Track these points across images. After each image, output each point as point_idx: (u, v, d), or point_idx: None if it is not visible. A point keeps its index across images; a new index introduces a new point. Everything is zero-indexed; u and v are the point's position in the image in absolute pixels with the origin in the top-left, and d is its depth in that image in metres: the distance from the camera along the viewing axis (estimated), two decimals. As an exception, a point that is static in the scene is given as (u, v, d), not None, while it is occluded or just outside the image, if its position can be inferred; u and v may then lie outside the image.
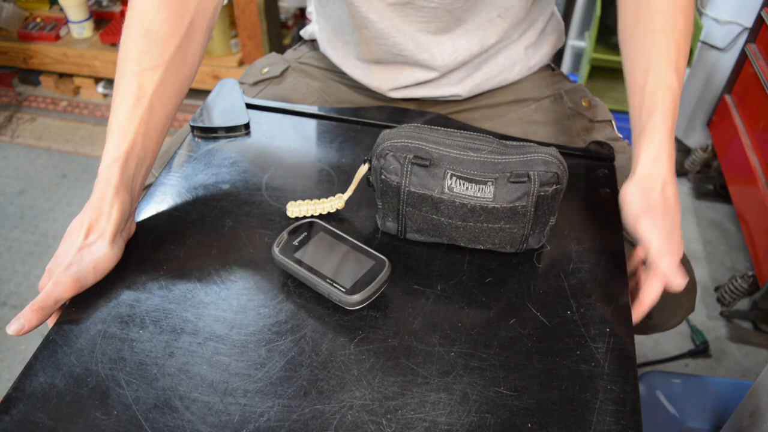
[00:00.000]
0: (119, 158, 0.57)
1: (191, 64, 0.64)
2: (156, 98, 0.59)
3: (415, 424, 0.46)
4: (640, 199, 0.58)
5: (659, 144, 0.59)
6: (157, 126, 0.60)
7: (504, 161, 0.55)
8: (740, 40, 1.58)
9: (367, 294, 0.52)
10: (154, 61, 0.59)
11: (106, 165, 0.57)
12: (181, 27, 0.61)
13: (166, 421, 0.46)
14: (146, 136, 0.59)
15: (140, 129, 0.58)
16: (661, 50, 0.62)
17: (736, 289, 1.39)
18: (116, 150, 0.57)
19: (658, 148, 0.59)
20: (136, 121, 0.58)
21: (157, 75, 0.59)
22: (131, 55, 0.59)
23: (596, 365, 0.51)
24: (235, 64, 1.98)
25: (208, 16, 0.64)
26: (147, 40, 0.59)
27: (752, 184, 1.40)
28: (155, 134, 0.60)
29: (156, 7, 0.60)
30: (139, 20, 0.60)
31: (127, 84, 0.58)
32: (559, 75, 0.88)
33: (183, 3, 0.61)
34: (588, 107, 0.83)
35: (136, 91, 0.58)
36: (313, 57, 0.90)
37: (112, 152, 0.57)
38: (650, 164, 0.59)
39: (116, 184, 0.56)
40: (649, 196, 0.57)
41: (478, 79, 0.81)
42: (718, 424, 0.89)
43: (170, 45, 0.60)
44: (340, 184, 0.67)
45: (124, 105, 0.58)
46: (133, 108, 0.58)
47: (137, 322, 0.52)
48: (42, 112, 2.09)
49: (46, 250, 1.59)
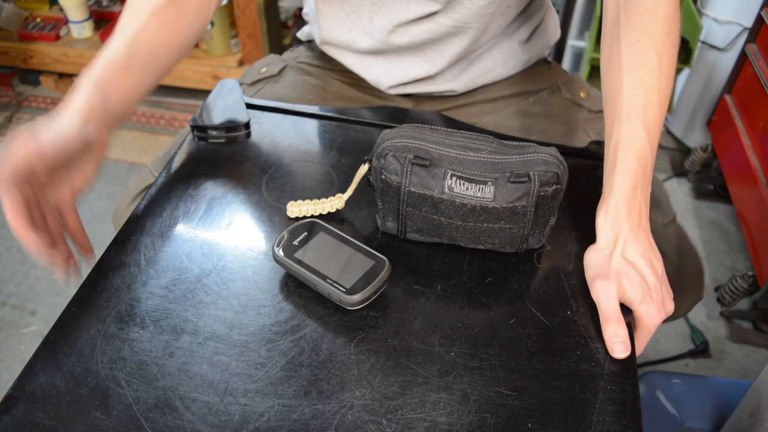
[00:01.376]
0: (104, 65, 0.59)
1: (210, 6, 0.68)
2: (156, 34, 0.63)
3: (415, 424, 0.46)
4: (595, 264, 0.56)
5: (615, 206, 0.56)
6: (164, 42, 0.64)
7: (504, 161, 0.55)
8: (740, 40, 1.58)
9: (367, 294, 0.52)
10: None
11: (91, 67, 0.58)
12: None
13: (166, 421, 0.46)
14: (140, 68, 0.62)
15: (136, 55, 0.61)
16: (628, 98, 0.58)
17: (736, 289, 1.39)
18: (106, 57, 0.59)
19: (615, 210, 0.56)
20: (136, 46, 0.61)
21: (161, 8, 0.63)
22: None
23: (596, 365, 0.51)
24: (235, 64, 1.98)
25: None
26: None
27: (752, 184, 1.40)
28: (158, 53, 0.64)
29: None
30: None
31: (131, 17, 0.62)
32: (555, 68, 0.88)
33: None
34: (587, 98, 0.82)
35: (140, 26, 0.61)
36: (311, 56, 0.90)
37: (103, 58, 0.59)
38: (609, 235, 0.56)
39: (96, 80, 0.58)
40: (602, 263, 0.55)
41: (472, 74, 0.81)
42: (718, 424, 0.89)
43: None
44: (340, 184, 0.67)
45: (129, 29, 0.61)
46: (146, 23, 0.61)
47: (137, 322, 0.52)
48: (42, 112, 2.09)
49: (46, 250, 1.59)
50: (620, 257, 0.55)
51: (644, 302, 0.53)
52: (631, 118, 0.58)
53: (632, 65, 0.59)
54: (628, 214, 0.56)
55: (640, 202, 0.57)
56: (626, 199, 0.56)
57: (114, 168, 1.86)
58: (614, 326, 0.52)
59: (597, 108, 0.81)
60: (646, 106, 0.58)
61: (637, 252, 0.55)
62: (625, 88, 0.58)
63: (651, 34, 0.59)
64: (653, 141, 0.58)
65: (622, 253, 0.55)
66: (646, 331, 0.54)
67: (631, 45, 0.59)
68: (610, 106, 0.60)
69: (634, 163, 0.57)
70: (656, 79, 0.58)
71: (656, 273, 0.55)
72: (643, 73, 0.58)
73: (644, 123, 0.57)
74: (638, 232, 0.56)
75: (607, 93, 0.62)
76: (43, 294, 1.49)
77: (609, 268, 0.54)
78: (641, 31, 0.59)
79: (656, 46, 0.59)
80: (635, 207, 0.56)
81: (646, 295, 0.53)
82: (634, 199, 0.57)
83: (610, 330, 0.52)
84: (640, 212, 0.57)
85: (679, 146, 1.90)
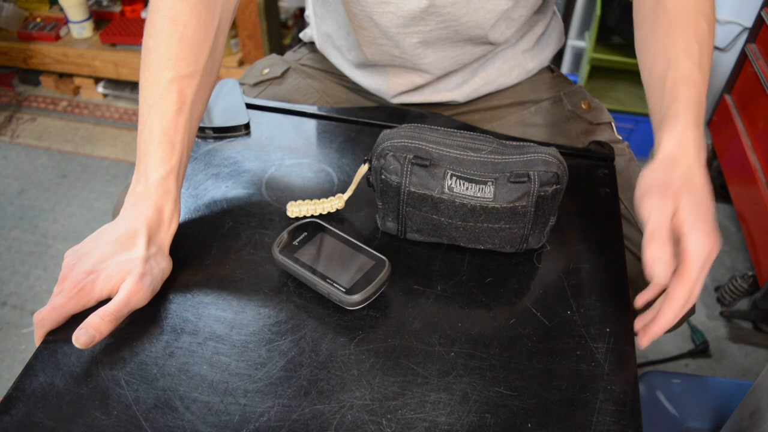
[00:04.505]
0: (174, 170, 0.56)
1: (218, 67, 0.63)
2: (194, 105, 0.59)
3: (415, 424, 0.46)
4: (654, 175, 0.52)
5: (683, 128, 0.53)
6: (193, 133, 0.60)
7: (504, 161, 0.55)
8: (740, 40, 1.58)
9: (367, 294, 0.52)
10: (191, 67, 0.58)
11: (161, 176, 0.56)
12: (212, 30, 0.60)
13: (166, 421, 0.46)
14: (188, 145, 0.59)
15: (185, 138, 0.58)
16: (682, 49, 0.57)
17: (736, 289, 1.39)
18: (170, 161, 0.56)
19: (682, 131, 0.53)
20: (181, 131, 0.57)
21: (195, 81, 0.58)
22: (166, 62, 0.57)
23: (596, 365, 0.51)
24: (235, 64, 1.98)
25: (230, 16, 0.63)
26: (182, 45, 0.58)
27: (752, 184, 1.40)
28: (192, 142, 0.60)
29: (188, 11, 0.58)
30: (171, 24, 0.58)
31: (165, 92, 0.57)
32: (558, 77, 0.87)
33: (211, 5, 0.60)
34: (588, 109, 0.82)
35: (177, 99, 0.57)
36: (313, 59, 0.90)
37: (166, 164, 0.56)
38: (673, 148, 0.52)
39: (175, 196, 0.56)
40: (667, 174, 0.51)
41: (475, 84, 0.81)
42: (718, 424, 0.89)
43: (204, 50, 0.59)
44: (340, 184, 0.67)
45: (167, 113, 0.57)
46: (176, 116, 0.57)
47: (137, 322, 0.52)
48: (42, 112, 2.09)
49: (46, 250, 1.59)
50: (685, 177, 0.50)
51: (696, 226, 0.48)
52: (691, 60, 0.56)
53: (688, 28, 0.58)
54: (693, 140, 0.52)
55: (701, 137, 0.53)
56: (695, 127, 0.53)
57: (114, 168, 1.86)
58: (659, 245, 0.47)
59: (597, 120, 0.81)
60: (701, 53, 0.57)
61: (702, 180, 0.51)
62: (680, 39, 0.58)
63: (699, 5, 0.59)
64: (705, 89, 0.56)
65: (689, 174, 0.50)
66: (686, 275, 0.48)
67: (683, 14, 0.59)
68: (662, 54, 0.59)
69: (696, 98, 0.54)
70: (708, 41, 0.58)
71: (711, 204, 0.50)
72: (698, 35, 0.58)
73: (700, 67, 0.56)
74: (701, 160, 0.52)
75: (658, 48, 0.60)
76: (43, 294, 1.49)
77: (671, 181, 0.50)
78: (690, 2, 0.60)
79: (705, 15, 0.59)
80: (699, 136, 0.53)
81: (701, 226, 0.48)
82: (698, 129, 0.53)
83: (652, 249, 0.47)
84: (699, 146, 0.52)
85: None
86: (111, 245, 0.53)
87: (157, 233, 0.55)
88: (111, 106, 2.12)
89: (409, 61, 0.75)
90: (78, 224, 1.67)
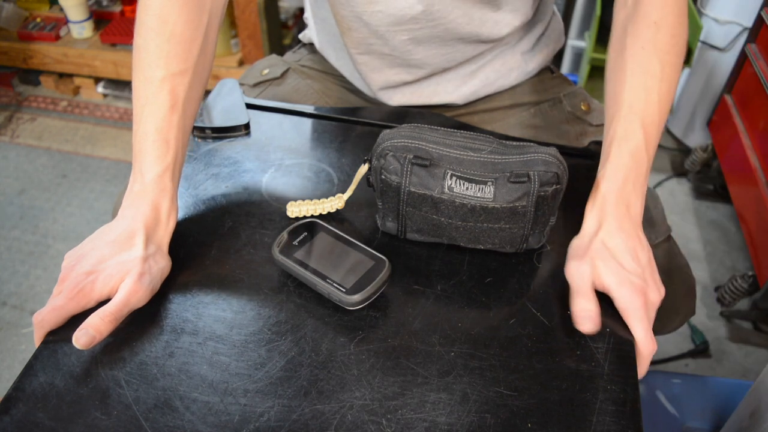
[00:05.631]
0: (169, 168, 0.57)
1: (210, 65, 0.64)
2: (187, 103, 0.59)
3: (415, 424, 0.46)
4: (576, 243, 0.57)
5: (602, 197, 0.57)
6: (188, 130, 0.60)
7: (504, 161, 0.55)
8: (740, 40, 1.58)
9: (367, 294, 0.52)
10: (182, 64, 0.59)
11: (157, 174, 0.56)
12: (201, 28, 0.61)
13: (166, 421, 0.46)
14: (183, 142, 0.59)
15: (179, 136, 0.58)
16: (627, 100, 0.59)
17: (736, 289, 1.39)
18: (165, 159, 0.57)
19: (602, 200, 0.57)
20: (175, 128, 0.58)
21: (186, 79, 0.59)
22: (156, 60, 0.58)
23: (596, 365, 0.51)
24: (235, 64, 1.98)
25: (219, 13, 0.64)
26: (172, 43, 0.58)
27: (752, 184, 1.40)
28: (187, 139, 0.60)
29: (177, 9, 0.59)
30: (160, 22, 0.58)
31: (158, 90, 0.57)
32: (558, 78, 0.87)
33: (200, 3, 0.60)
34: (587, 111, 0.82)
35: (169, 97, 0.58)
36: (313, 60, 0.90)
37: (161, 161, 0.56)
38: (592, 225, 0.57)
39: (171, 194, 0.56)
40: (580, 247, 0.56)
41: (473, 86, 0.81)
42: (718, 424, 0.89)
43: (194, 47, 0.60)
44: (340, 184, 0.67)
45: (160, 111, 0.57)
46: (170, 114, 0.57)
47: (137, 322, 0.52)
48: (42, 112, 2.09)
49: (46, 250, 1.60)
50: (600, 243, 0.55)
51: (622, 286, 0.52)
52: (630, 116, 0.59)
53: (636, 70, 0.60)
54: (615, 205, 0.56)
55: (631, 195, 0.57)
56: (615, 190, 0.57)
57: (114, 168, 1.86)
58: (583, 300, 0.52)
59: (597, 122, 0.81)
60: (645, 107, 0.59)
61: (620, 240, 0.55)
62: (627, 90, 0.60)
63: (656, 44, 0.60)
64: (650, 142, 0.58)
65: (603, 240, 0.55)
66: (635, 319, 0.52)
67: (636, 52, 0.60)
68: (611, 105, 0.61)
69: (627, 158, 0.57)
70: (658, 84, 0.59)
71: (639, 261, 0.54)
72: (646, 78, 0.60)
73: (642, 122, 0.58)
74: (623, 221, 0.56)
75: (609, 95, 0.63)
76: (43, 294, 1.49)
77: (586, 251, 0.55)
78: (646, 40, 0.60)
79: (660, 54, 0.60)
80: (623, 199, 0.57)
81: (624, 279, 0.53)
82: (624, 191, 0.57)
83: (578, 304, 0.52)
84: (628, 204, 0.57)
85: (679, 146, 1.90)
86: (110, 246, 0.53)
87: (155, 232, 0.55)
88: (111, 106, 2.12)
89: (399, 58, 0.75)
90: (78, 224, 1.67)
